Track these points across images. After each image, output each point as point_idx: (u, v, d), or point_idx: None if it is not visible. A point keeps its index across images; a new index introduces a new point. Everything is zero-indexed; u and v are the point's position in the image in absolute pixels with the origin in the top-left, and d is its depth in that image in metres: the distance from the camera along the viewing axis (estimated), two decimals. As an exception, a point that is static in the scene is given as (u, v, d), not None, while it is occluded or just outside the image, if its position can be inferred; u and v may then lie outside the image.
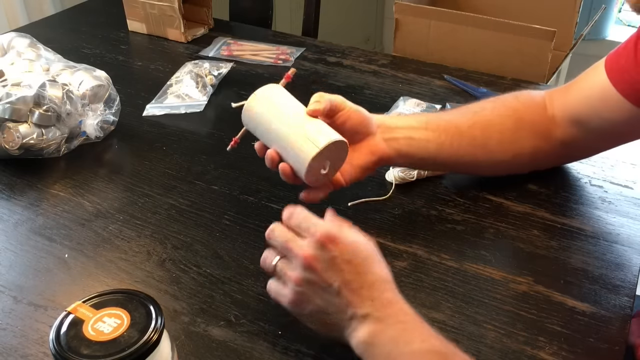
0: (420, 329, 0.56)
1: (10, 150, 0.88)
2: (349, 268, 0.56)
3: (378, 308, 0.55)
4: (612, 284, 0.70)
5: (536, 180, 0.85)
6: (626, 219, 0.79)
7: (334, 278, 0.56)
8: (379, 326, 0.55)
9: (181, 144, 0.97)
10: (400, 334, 0.54)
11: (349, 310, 0.56)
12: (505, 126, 0.79)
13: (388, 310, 0.56)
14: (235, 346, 0.63)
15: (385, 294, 0.57)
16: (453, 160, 0.79)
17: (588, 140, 0.80)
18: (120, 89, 1.01)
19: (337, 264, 0.56)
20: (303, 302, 0.58)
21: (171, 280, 0.71)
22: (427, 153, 0.77)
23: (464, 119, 0.79)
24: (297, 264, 0.57)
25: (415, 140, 0.76)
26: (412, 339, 0.54)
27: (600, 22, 2.45)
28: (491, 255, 0.74)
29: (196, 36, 1.33)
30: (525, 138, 0.79)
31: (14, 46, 1.02)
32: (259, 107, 0.70)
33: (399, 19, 1.34)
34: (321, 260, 0.56)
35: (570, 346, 0.62)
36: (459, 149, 0.78)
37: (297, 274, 0.57)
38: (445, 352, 0.54)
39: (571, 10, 1.44)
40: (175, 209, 0.83)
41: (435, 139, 0.76)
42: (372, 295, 0.56)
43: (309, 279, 0.57)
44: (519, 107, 0.80)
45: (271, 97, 0.70)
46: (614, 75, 0.73)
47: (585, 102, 0.77)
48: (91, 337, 0.48)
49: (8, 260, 0.75)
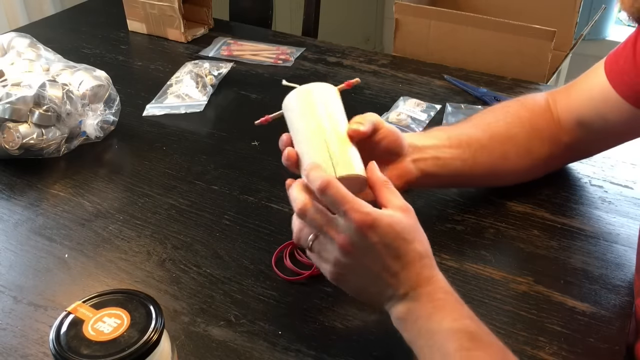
0: (454, 307, 0.56)
1: (10, 150, 0.88)
2: (387, 252, 0.56)
3: (415, 287, 0.56)
4: (612, 284, 0.70)
5: (536, 180, 0.85)
6: (626, 219, 0.79)
7: (373, 263, 0.56)
8: (414, 304, 0.56)
9: (181, 144, 0.97)
10: (433, 312, 0.55)
11: (388, 290, 0.57)
12: (520, 137, 0.79)
13: (426, 288, 0.56)
14: (235, 346, 0.63)
15: (423, 271, 0.57)
16: (475, 174, 0.78)
17: (591, 141, 0.80)
18: (120, 89, 1.01)
19: (375, 250, 0.55)
20: (343, 280, 0.59)
21: (171, 280, 0.71)
22: (452, 171, 0.75)
23: (481, 132, 0.78)
24: (334, 249, 0.57)
25: (441, 160, 0.74)
26: (444, 317, 0.55)
27: (600, 22, 2.45)
28: (491, 255, 0.74)
29: (196, 36, 1.33)
30: (538, 146, 0.79)
31: (14, 46, 1.02)
32: (304, 102, 0.64)
33: (399, 19, 1.34)
34: (359, 247, 0.56)
35: (570, 346, 0.62)
36: (482, 163, 0.77)
37: (336, 256, 0.57)
38: (475, 332, 0.54)
39: (571, 10, 1.44)
40: (175, 209, 0.83)
41: (460, 156, 0.75)
42: (411, 276, 0.56)
43: (347, 263, 0.57)
44: (528, 116, 0.80)
45: (321, 99, 0.64)
46: (613, 77, 0.73)
47: (588, 104, 0.77)
48: (91, 337, 0.48)
49: (8, 260, 0.75)
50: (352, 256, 0.56)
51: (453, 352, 0.53)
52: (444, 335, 0.54)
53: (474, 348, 0.53)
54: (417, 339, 0.55)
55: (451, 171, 0.75)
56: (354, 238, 0.55)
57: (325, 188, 0.55)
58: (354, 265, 0.57)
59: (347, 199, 0.55)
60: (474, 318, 0.55)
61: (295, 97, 0.65)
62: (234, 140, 0.97)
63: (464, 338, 0.53)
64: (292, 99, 0.65)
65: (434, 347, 0.54)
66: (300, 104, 0.64)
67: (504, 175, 0.81)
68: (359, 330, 0.64)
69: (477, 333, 0.54)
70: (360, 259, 0.56)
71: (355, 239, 0.55)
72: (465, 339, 0.53)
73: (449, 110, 1.02)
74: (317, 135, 0.62)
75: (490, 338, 0.55)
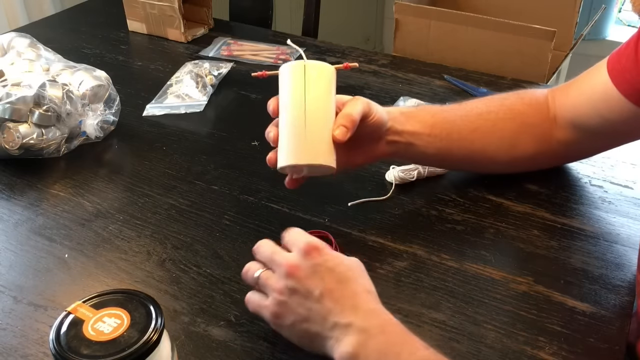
0: (408, 340, 0.54)
1: (10, 150, 0.88)
2: (331, 276, 0.56)
3: (361, 317, 0.54)
4: (612, 284, 0.70)
5: (536, 180, 0.85)
6: (626, 219, 0.79)
7: (315, 285, 0.56)
8: (363, 336, 0.53)
9: (181, 144, 0.97)
10: (387, 346, 0.53)
11: (330, 318, 0.55)
12: (506, 131, 0.79)
13: (373, 320, 0.55)
14: (235, 346, 0.63)
15: (369, 304, 0.56)
16: (447, 162, 0.82)
17: (588, 141, 0.80)
18: (120, 89, 1.01)
19: (319, 272, 0.56)
20: (285, 313, 0.58)
21: (171, 280, 0.71)
22: (423, 157, 0.79)
23: (467, 123, 0.79)
24: (280, 272, 0.58)
25: (414, 146, 0.77)
26: (400, 351, 0.53)
27: (600, 22, 2.45)
28: (491, 255, 0.74)
29: (196, 36, 1.33)
30: (526, 142, 0.80)
31: (14, 46, 1.02)
32: (296, 78, 0.67)
33: (399, 19, 1.34)
34: (304, 267, 0.57)
35: (570, 346, 0.62)
36: (458, 153, 0.79)
37: (280, 283, 0.58)
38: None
39: (571, 10, 1.44)
40: (175, 209, 0.83)
41: (435, 144, 0.77)
42: (355, 304, 0.55)
43: (291, 287, 0.57)
44: (523, 110, 0.80)
45: (314, 79, 0.67)
46: (615, 75, 0.73)
47: (587, 103, 0.77)
48: (91, 337, 0.48)
49: (8, 260, 0.75)
50: (295, 278, 0.56)
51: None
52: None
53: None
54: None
55: (420, 156, 0.79)
56: (299, 259, 0.57)
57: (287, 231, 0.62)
58: (296, 289, 0.56)
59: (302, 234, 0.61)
60: (427, 347, 0.54)
61: (290, 69, 0.68)
62: (234, 140, 0.97)
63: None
64: (287, 70, 0.68)
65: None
66: (293, 79, 0.67)
67: (482, 165, 0.83)
68: (359, 330, 0.64)
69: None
70: (304, 281, 0.56)
71: (301, 260, 0.57)
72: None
73: (449, 110, 1.02)
74: (298, 114, 0.66)
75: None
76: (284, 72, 0.69)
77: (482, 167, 0.84)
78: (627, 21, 2.63)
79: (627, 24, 2.63)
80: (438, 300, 0.68)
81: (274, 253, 0.60)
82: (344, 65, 0.72)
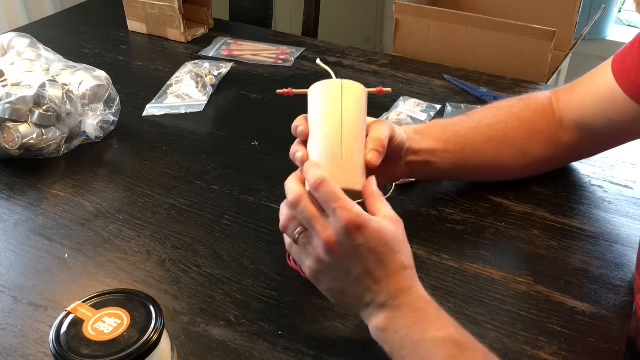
0: (437, 317, 0.55)
1: (10, 150, 0.88)
2: (371, 257, 0.55)
3: (395, 296, 0.55)
4: (612, 284, 0.70)
5: (536, 180, 0.85)
6: (626, 219, 0.79)
7: (354, 265, 0.55)
8: (395, 313, 0.55)
9: (181, 144, 0.97)
10: (416, 322, 0.54)
11: (367, 296, 0.56)
12: (517, 139, 0.79)
13: (406, 298, 0.56)
14: (235, 346, 0.63)
15: (405, 281, 0.56)
16: (462, 174, 0.83)
17: (593, 141, 0.80)
18: (120, 89, 1.01)
19: (359, 253, 0.55)
20: (322, 279, 0.58)
21: (171, 280, 0.71)
22: (438, 172, 0.79)
23: (479, 135, 0.79)
24: (319, 244, 0.56)
25: (431, 165, 0.76)
26: (428, 327, 0.54)
27: (600, 22, 2.45)
28: (491, 255, 0.74)
29: (196, 36, 1.33)
30: (535, 148, 0.80)
31: (14, 46, 1.02)
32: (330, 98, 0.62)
33: (399, 19, 1.34)
34: (344, 247, 0.55)
35: (570, 346, 0.62)
36: (472, 165, 0.79)
37: (319, 254, 0.56)
38: (461, 341, 0.54)
39: (571, 10, 1.44)
40: (175, 209, 0.83)
41: (450, 159, 0.77)
42: (392, 284, 0.56)
43: (329, 262, 0.56)
44: (530, 117, 0.80)
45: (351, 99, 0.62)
46: (620, 76, 0.72)
47: (592, 104, 0.76)
48: (91, 337, 0.48)
49: (8, 260, 0.75)
50: (335, 255, 0.55)
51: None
52: (429, 344, 0.53)
53: (460, 355, 0.53)
54: (400, 350, 0.55)
55: (437, 173, 0.79)
56: (340, 237, 0.55)
57: (320, 185, 0.56)
58: (335, 265, 0.56)
59: (338, 197, 0.55)
60: (457, 326, 0.55)
61: (325, 89, 0.63)
62: (234, 140, 0.97)
63: (450, 346, 0.53)
64: (321, 89, 0.63)
65: (419, 357, 0.53)
66: (328, 98, 0.62)
67: (495, 175, 0.83)
68: (359, 330, 0.64)
69: (463, 340, 0.54)
70: (343, 259, 0.56)
71: (341, 238, 0.55)
72: (451, 346, 0.53)
73: (449, 110, 1.02)
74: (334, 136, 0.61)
75: (475, 344, 0.54)
76: (317, 91, 0.64)
77: (494, 176, 0.84)
78: (627, 21, 2.63)
79: (627, 24, 2.63)
80: (438, 300, 0.67)
81: (313, 219, 0.56)
82: (377, 89, 0.66)
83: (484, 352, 0.54)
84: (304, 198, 0.57)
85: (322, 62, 0.66)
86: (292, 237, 0.59)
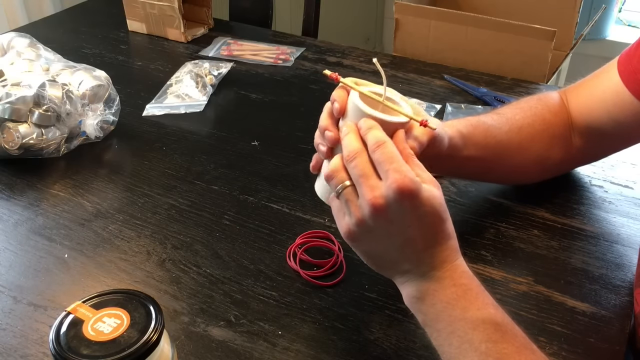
0: (478, 295, 0.53)
1: (10, 150, 0.88)
2: (417, 225, 0.53)
3: (438, 267, 0.54)
4: (612, 284, 0.70)
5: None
6: (626, 219, 0.79)
7: (399, 232, 0.53)
8: (434, 286, 0.53)
9: (181, 144, 0.97)
10: (456, 297, 0.53)
11: (406, 264, 0.54)
12: (543, 144, 0.77)
13: (448, 271, 0.54)
14: (235, 346, 0.63)
15: (448, 253, 0.54)
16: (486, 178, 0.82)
17: (601, 144, 0.79)
18: (120, 89, 1.01)
19: (406, 220, 0.52)
20: (360, 240, 0.55)
21: (171, 280, 0.71)
22: (464, 175, 0.80)
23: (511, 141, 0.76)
24: (364, 204, 0.53)
25: (462, 169, 0.75)
26: (468, 305, 0.52)
27: (600, 22, 2.45)
28: (491, 255, 0.74)
29: (196, 36, 1.33)
30: (555, 152, 0.79)
31: (13, 46, 1.02)
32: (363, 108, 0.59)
33: (399, 19, 1.34)
34: (391, 212, 0.52)
35: (570, 346, 0.62)
36: (497, 170, 0.78)
37: (362, 215, 0.53)
38: (501, 323, 0.52)
39: (571, 10, 1.44)
40: (175, 209, 0.82)
41: (483, 166, 0.75)
42: (435, 255, 0.54)
43: (372, 224, 0.53)
44: (552, 120, 0.78)
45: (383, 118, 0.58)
46: (626, 77, 0.71)
47: (599, 106, 0.75)
48: (91, 337, 0.48)
49: (8, 260, 0.75)
50: (379, 219, 0.52)
51: (478, 343, 0.51)
52: (468, 324, 0.52)
53: (500, 340, 0.51)
54: (436, 322, 0.53)
55: (463, 175, 0.80)
56: (389, 200, 0.51)
57: (380, 146, 0.53)
58: (377, 229, 0.53)
59: (395, 159, 0.52)
60: (497, 306, 0.53)
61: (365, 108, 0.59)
62: (234, 140, 0.97)
63: (490, 329, 0.51)
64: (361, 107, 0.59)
65: (455, 334, 0.52)
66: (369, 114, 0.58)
67: (515, 179, 0.83)
68: (359, 330, 0.64)
69: (503, 324, 0.52)
70: (387, 225, 0.53)
71: (391, 202, 0.51)
72: (491, 330, 0.51)
73: (449, 110, 1.02)
74: None
75: (515, 329, 0.53)
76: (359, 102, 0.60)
77: (515, 180, 0.83)
78: (627, 21, 2.63)
79: (628, 24, 2.63)
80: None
81: (364, 176, 0.53)
82: (421, 122, 0.59)
83: (524, 339, 0.52)
84: (362, 154, 0.54)
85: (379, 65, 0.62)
86: (335, 189, 0.56)
